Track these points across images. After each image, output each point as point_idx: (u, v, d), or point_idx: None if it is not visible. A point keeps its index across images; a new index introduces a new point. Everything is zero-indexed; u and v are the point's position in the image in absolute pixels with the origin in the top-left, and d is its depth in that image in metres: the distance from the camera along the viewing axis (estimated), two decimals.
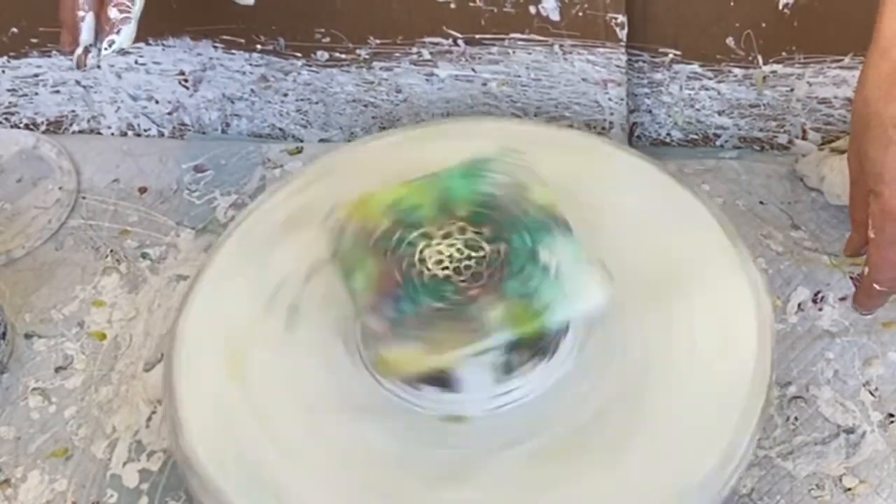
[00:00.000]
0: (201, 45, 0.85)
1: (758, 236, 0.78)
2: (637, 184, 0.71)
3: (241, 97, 0.88)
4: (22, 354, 0.78)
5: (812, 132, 0.82)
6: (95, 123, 0.92)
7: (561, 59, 0.80)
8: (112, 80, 0.89)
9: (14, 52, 0.88)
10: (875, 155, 0.62)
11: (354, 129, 0.89)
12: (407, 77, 0.84)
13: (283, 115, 0.89)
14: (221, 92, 0.88)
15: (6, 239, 0.85)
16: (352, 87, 0.85)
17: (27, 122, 0.93)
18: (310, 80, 0.86)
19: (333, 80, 0.85)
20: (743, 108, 0.82)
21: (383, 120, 0.88)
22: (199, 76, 0.86)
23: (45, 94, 0.90)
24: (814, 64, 0.78)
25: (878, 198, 0.63)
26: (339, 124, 0.89)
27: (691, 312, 0.65)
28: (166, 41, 0.85)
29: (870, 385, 0.70)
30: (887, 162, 0.62)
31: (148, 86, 0.89)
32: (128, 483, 0.71)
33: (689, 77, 0.81)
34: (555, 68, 0.80)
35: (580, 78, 0.81)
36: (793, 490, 0.66)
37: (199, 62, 0.86)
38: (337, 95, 0.87)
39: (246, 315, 0.68)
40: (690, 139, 0.85)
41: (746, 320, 0.64)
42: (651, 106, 0.84)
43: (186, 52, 0.85)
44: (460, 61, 0.81)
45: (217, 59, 0.86)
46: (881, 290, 0.68)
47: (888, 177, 0.62)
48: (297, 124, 0.90)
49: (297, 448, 0.62)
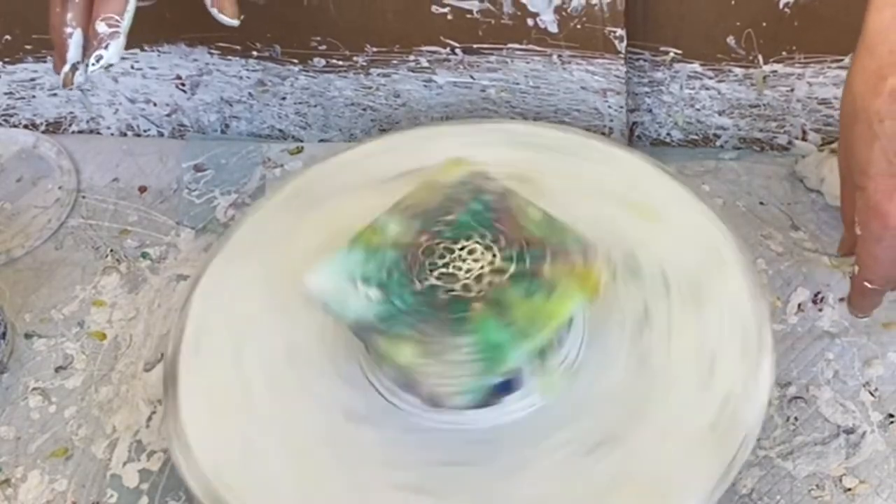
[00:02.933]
0: (197, 52, 0.85)
1: (758, 237, 0.78)
2: (638, 184, 0.71)
3: (240, 100, 0.88)
4: (22, 354, 0.78)
5: (812, 133, 0.82)
6: (94, 125, 0.92)
7: (559, 68, 0.79)
8: (109, 84, 0.88)
9: (9, 57, 0.87)
10: (860, 150, 0.62)
11: (354, 130, 0.89)
12: (405, 83, 0.84)
13: (282, 117, 0.89)
14: (219, 95, 0.88)
15: (6, 239, 0.85)
16: (350, 91, 0.85)
17: (26, 122, 0.93)
18: (307, 84, 0.85)
19: (331, 85, 0.85)
20: (743, 108, 0.82)
21: (383, 123, 0.88)
22: (196, 80, 0.86)
23: (42, 97, 0.90)
24: (814, 64, 0.78)
25: (864, 193, 0.62)
26: (339, 126, 0.89)
27: (692, 313, 0.65)
28: (161, 48, 0.85)
29: (870, 385, 0.70)
30: (871, 157, 0.61)
31: (145, 89, 0.88)
32: (128, 483, 0.71)
33: (689, 76, 0.81)
34: (553, 77, 0.80)
35: (579, 86, 0.80)
36: (793, 490, 0.66)
37: (195, 67, 0.86)
38: (335, 99, 0.86)
39: (248, 314, 0.68)
40: (690, 139, 0.85)
41: (746, 321, 0.64)
42: (651, 105, 0.84)
43: (182, 58, 0.85)
44: (458, 69, 0.81)
45: (213, 64, 0.86)
46: (873, 289, 0.67)
47: (873, 172, 0.61)
48: (296, 126, 0.89)
49: (301, 449, 0.62)
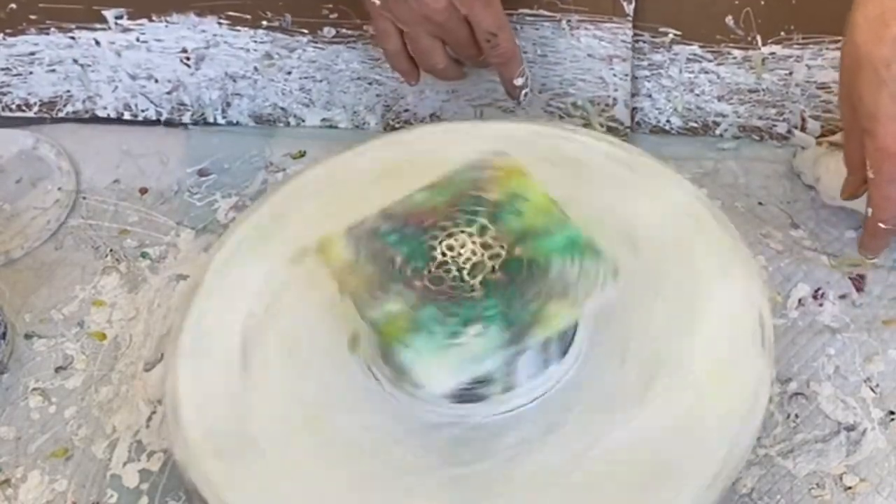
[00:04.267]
0: (206, 22, 0.85)
1: (757, 235, 0.78)
2: (638, 183, 0.71)
3: (244, 75, 0.88)
4: (22, 354, 0.78)
5: (811, 120, 0.82)
6: (91, 104, 0.91)
7: (568, 34, 0.81)
8: (111, 59, 0.88)
9: (11, 28, 0.87)
10: (867, 96, 0.64)
11: (358, 108, 0.89)
12: None
13: (285, 93, 0.89)
14: (224, 70, 0.88)
15: (5, 239, 0.85)
16: (357, 63, 0.86)
17: (19, 102, 0.92)
18: (315, 57, 0.86)
19: (339, 57, 0.85)
20: (742, 93, 0.83)
21: (388, 98, 0.88)
22: (201, 54, 0.86)
23: (40, 73, 0.90)
24: (812, 45, 0.79)
25: (874, 138, 0.65)
26: (343, 103, 0.88)
27: (692, 310, 0.65)
28: (170, 17, 0.85)
29: (871, 382, 0.70)
30: (880, 102, 0.63)
31: (148, 64, 0.88)
32: (128, 483, 0.70)
33: (688, 59, 0.82)
34: (561, 44, 0.81)
35: (586, 54, 0.82)
36: (793, 489, 0.66)
37: (202, 39, 0.86)
38: (342, 73, 0.87)
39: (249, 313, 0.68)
40: (690, 127, 0.85)
41: (746, 316, 0.64)
42: (651, 90, 0.84)
43: (190, 29, 0.85)
44: None
45: (221, 35, 0.86)
46: (886, 229, 0.70)
47: (882, 116, 0.64)
48: (299, 103, 0.89)
49: (298, 443, 0.62)
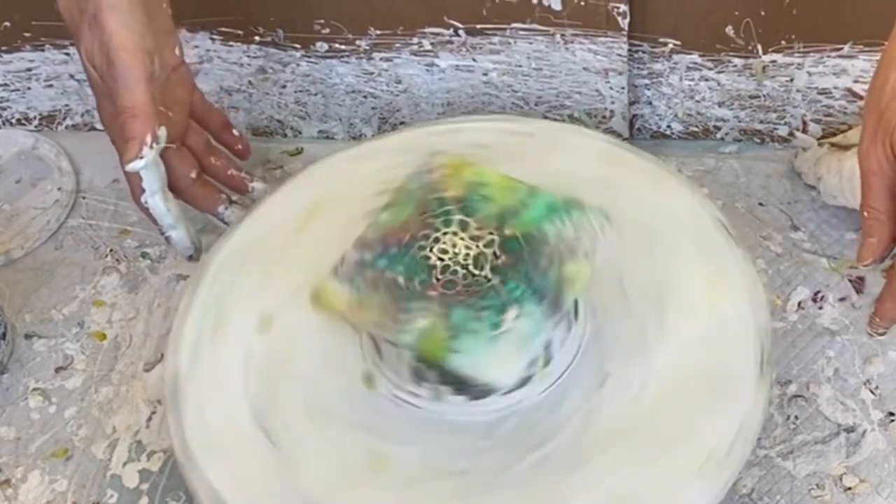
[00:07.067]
0: (198, 38, 0.85)
1: (757, 237, 0.78)
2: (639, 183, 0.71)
3: (239, 89, 0.88)
4: (22, 354, 0.78)
5: (812, 124, 0.82)
6: (90, 118, 0.91)
7: (562, 48, 0.80)
8: None
9: (6, 45, 0.87)
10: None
11: (353, 120, 0.89)
12: (407, 67, 0.84)
13: (281, 106, 0.89)
14: (219, 84, 0.88)
15: (5, 239, 0.85)
16: (351, 77, 0.85)
17: (19, 116, 0.92)
18: (308, 71, 0.86)
19: (333, 71, 0.85)
20: (743, 99, 0.82)
21: (383, 111, 0.88)
22: (195, 69, 0.86)
23: (37, 88, 0.90)
24: (813, 53, 0.79)
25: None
26: (339, 115, 0.89)
27: (691, 311, 0.65)
28: None
29: (870, 383, 0.70)
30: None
31: None
32: (128, 483, 0.71)
33: (688, 67, 0.81)
34: (556, 58, 0.81)
35: (581, 67, 0.81)
36: (793, 490, 0.66)
37: (196, 55, 0.86)
38: (336, 86, 0.86)
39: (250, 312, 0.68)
40: (691, 131, 0.85)
41: (745, 318, 0.64)
42: (651, 97, 0.84)
43: (183, 45, 0.85)
44: (461, 51, 0.81)
45: (214, 51, 0.85)
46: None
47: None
48: (295, 116, 0.89)
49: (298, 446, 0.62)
